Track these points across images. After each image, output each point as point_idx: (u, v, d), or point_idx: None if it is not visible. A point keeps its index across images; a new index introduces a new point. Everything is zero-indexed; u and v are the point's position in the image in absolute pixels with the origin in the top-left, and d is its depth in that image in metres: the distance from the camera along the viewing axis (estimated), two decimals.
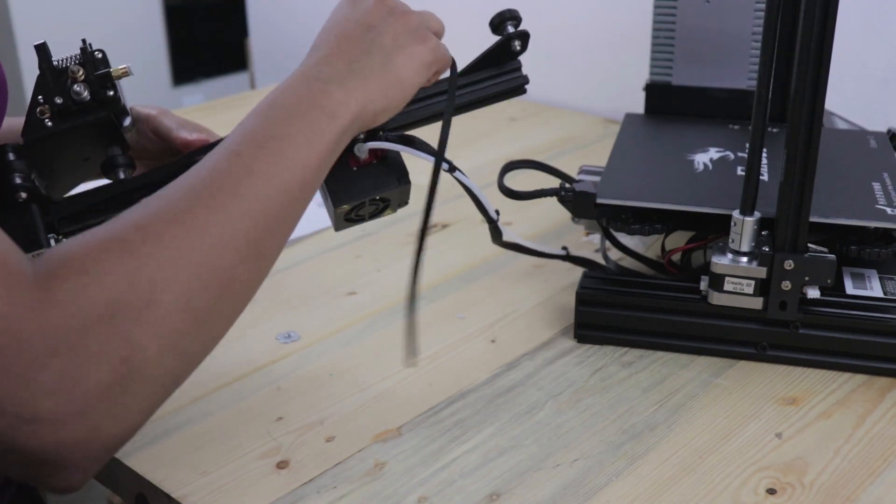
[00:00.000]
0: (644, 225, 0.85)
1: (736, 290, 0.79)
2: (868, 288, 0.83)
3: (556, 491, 0.67)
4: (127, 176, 0.73)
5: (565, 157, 1.31)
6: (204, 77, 3.59)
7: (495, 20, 0.78)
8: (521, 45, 0.78)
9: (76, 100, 0.70)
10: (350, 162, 0.73)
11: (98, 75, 0.71)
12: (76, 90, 0.70)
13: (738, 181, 0.81)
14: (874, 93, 1.28)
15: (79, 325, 0.48)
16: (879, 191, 0.85)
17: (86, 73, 0.70)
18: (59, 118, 0.70)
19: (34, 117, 0.70)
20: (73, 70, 0.70)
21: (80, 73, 0.70)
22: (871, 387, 0.79)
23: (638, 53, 1.27)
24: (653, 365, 0.82)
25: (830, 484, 0.67)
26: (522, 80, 0.78)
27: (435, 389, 0.80)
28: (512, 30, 0.78)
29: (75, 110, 0.70)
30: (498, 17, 0.78)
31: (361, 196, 0.73)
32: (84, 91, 0.70)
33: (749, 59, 1.02)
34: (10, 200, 0.69)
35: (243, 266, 0.57)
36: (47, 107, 0.70)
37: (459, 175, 0.77)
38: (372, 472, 0.69)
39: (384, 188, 0.74)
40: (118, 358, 0.49)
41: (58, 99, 0.70)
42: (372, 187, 0.73)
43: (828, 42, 0.71)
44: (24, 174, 0.69)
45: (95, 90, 0.70)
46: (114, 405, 0.50)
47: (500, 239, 0.85)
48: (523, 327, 0.89)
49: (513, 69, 0.78)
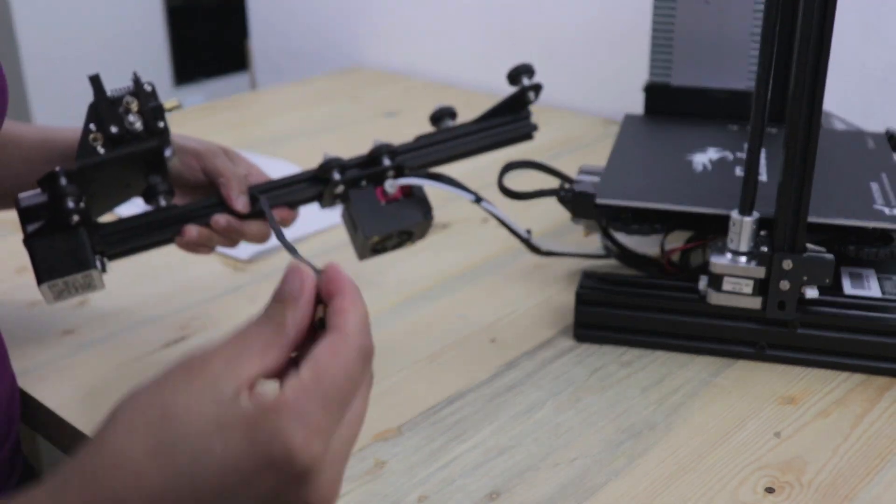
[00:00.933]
0: (644, 225, 0.85)
1: (735, 289, 0.79)
2: (866, 288, 0.83)
3: (556, 490, 0.67)
4: (167, 203, 0.78)
5: (565, 157, 1.31)
6: (204, 77, 3.59)
7: (513, 73, 0.85)
8: (535, 96, 0.86)
9: (129, 129, 0.73)
10: (380, 197, 0.82)
11: (151, 107, 0.74)
12: (130, 120, 0.73)
13: (736, 181, 0.82)
14: (873, 93, 1.29)
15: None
16: (877, 191, 0.85)
17: (140, 105, 0.74)
18: (112, 146, 0.74)
19: (87, 144, 0.73)
20: (128, 101, 0.74)
21: (134, 105, 0.74)
22: (870, 386, 0.79)
23: (637, 54, 1.27)
24: (652, 364, 0.83)
25: (829, 483, 0.68)
26: (531, 127, 0.87)
27: (435, 389, 0.80)
28: (527, 82, 0.85)
29: (128, 139, 0.74)
30: (515, 71, 0.85)
31: (390, 228, 0.81)
32: (137, 122, 0.74)
33: (748, 60, 1.02)
34: (62, 223, 0.73)
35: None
36: (100, 134, 0.73)
37: (486, 205, 0.85)
38: (372, 472, 0.70)
39: (411, 222, 0.82)
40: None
41: (113, 128, 0.73)
42: (400, 220, 0.81)
43: (826, 42, 0.72)
44: (76, 198, 0.73)
45: (147, 121, 0.74)
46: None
47: (541, 252, 0.91)
48: (523, 327, 0.90)
49: (523, 117, 0.87)
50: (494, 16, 1.69)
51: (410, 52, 1.85)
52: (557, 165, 0.98)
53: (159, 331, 0.89)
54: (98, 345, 0.81)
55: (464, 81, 1.73)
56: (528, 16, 1.65)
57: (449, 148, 0.85)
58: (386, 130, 1.49)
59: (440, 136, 0.85)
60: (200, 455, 0.39)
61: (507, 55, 1.74)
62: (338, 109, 1.64)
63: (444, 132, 0.85)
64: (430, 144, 0.85)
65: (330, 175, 0.81)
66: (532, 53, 1.70)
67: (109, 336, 0.72)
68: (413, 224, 0.82)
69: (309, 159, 1.42)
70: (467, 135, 0.86)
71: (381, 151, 0.82)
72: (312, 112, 1.64)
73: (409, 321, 0.91)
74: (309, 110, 1.65)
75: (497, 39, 1.69)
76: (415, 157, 0.84)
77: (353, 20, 1.95)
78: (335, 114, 1.61)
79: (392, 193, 0.81)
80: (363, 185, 0.82)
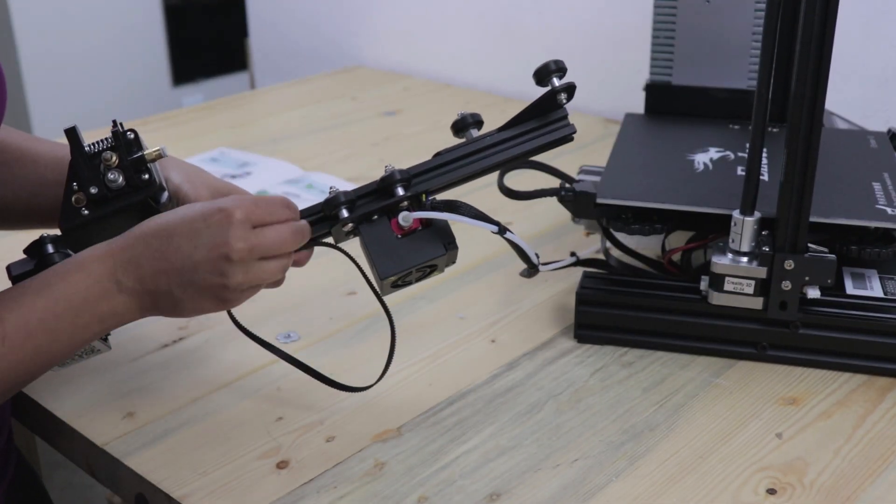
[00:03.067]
0: (644, 225, 0.85)
1: (736, 290, 0.79)
2: (868, 288, 0.83)
3: (556, 491, 0.67)
4: None
5: (565, 157, 1.30)
6: (204, 77, 3.58)
7: (541, 72, 0.74)
8: (567, 98, 0.75)
9: (111, 187, 0.70)
10: (395, 230, 0.72)
11: (132, 160, 0.70)
12: (111, 178, 0.70)
13: (738, 181, 0.81)
14: (874, 93, 1.28)
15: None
16: (879, 191, 0.85)
17: (119, 159, 0.70)
18: (96, 206, 0.70)
19: (70, 206, 0.70)
20: (106, 157, 0.70)
21: (113, 160, 0.70)
22: (871, 387, 0.79)
23: (638, 53, 1.27)
24: (653, 365, 0.82)
25: (830, 484, 0.67)
26: (570, 129, 0.76)
27: (435, 389, 0.80)
28: (557, 82, 0.74)
29: (111, 197, 0.70)
30: (544, 69, 0.74)
31: (408, 265, 0.72)
32: (119, 177, 0.70)
33: (749, 59, 1.01)
34: None
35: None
36: (83, 195, 0.70)
37: (510, 235, 0.76)
38: (372, 472, 0.69)
39: (432, 256, 0.72)
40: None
41: (93, 189, 0.70)
42: (419, 256, 0.72)
43: (828, 42, 0.71)
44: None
45: (130, 175, 0.70)
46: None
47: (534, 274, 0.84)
48: (523, 327, 0.89)
49: (559, 118, 0.76)
50: (494, 15, 1.69)
51: (410, 52, 1.85)
52: (557, 165, 0.98)
53: (158, 331, 0.89)
54: None
55: (463, 81, 1.73)
56: (527, 15, 1.65)
57: (479, 161, 0.75)
58: (386, 129, 1.49)
59: (465, 150, 0.74)
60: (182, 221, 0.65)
61: (507, 55, 1.74)
62: (338, 108, 1.64)
63: (470, 144, 0.75)
64: (452, 161, 0.75)
65: (337, 213, 0.72)
66: (532, 53, 1.69)
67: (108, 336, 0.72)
68: (433, 258, 0.72)
69: (309, 159, 1.42)
70: (498, 144, 0.75)
71: (393, 180, 0.72)
72: (312, 111, 1.63)
73: (409, 321, 0.91)
74: (309, 109, 1.65)
75: (497, 39, 1.69)
76: (437, 179, 0.74)
77: (353, 20, 1.94)
78: (335, 113, 1.61)
79: (408, 226, 0.72)
80: (375, 220, 0.73)
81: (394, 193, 0.72)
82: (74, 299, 0.65)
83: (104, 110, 3.21)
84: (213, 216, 0.65)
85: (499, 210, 1.15)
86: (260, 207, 0.66)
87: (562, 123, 0.76)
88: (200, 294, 0.66)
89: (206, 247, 0.65)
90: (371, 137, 1.46)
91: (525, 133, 0.76)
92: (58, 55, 3.11)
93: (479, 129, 0.76)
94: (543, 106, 0.75)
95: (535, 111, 0.76)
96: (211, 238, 0.64)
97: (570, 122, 0.76)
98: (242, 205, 0.66)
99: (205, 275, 0.65)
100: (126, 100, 3.29)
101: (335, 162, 1.35)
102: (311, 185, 1.25)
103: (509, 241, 0.77)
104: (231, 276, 0.65)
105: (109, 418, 0.76)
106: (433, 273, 0.75)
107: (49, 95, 3.09)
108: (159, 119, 1.60)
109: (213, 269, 0.65)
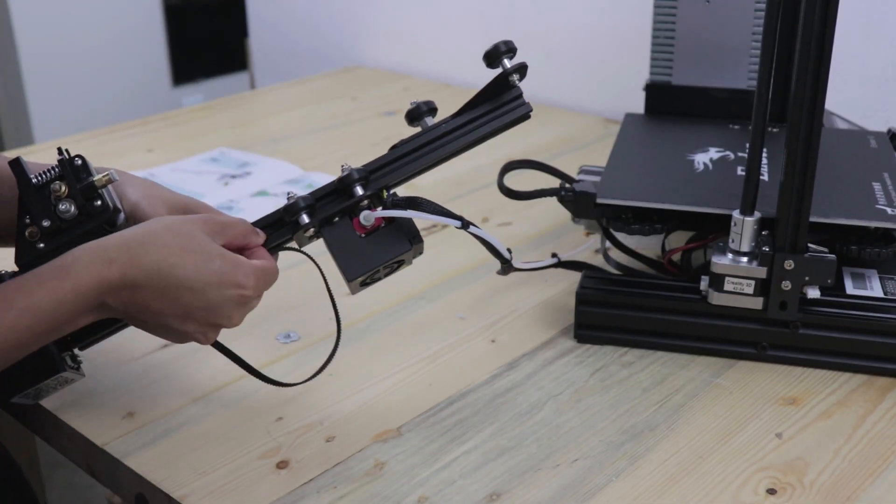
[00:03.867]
0: (644, 225, 0.85)
1: (736, 290, 0.79)
2: (868, 288, 0.83)
3: (556, 491, 0.67)
4: None
5: (565, 157, 1.30)
6: (204, 77, 3.59)
7: (491, 54, 0.73)
8: (520, 78, 0.74)
9: (64, 218, 0.68)
10: (358, 229, 0.72)
11: (82, 188, 0.68)
12: (62, 209, 0.68)
13: (738, 181, 0.81)
14: (874, 93, 1.28)
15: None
16: (879, 191, 0.85)
17: (69, 188, 0.68)
18: (50, 238, 0.69)
19: (25, 241, 0.68)
20: (55, 189, 0.68)
21: (63, 190, 0.68)
22: (871, 387, 0.79)
23: (638, 53, 1.27)
24: (653, 365, 0.82)
25: (830, 484, 0.67)
26: (526, 108, 0.74)
27: (435, 389, 0.80)
28: (509, 63, 0.73)
29: (65, 228, 0.68)
30: (494, 51, 0.73)
31: (374, 265, 0.71)
32: (70, 207, 0.68)
33: (749, 59, 1.01)
34: None
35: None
36: (36, 228, 0.68)
37: (473, 229, 0.75)
38: (372, 472, 0.69)
39: (397, 253, 0.72)
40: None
41: (45, 222, 0.68)
42: (385, 254, 0.72)
43: (828, 42, 0.71)
44: None
45: (82, 204, 0.68)
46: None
47: (510, 271, 0.84)
48: (523, 327, 0.89)
49: (514, 98, 0.74)
50: (494, 15, 1.69)
51: (410, 52, 1.85)
52: (557, 165, 0.98)
53: None
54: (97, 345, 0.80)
55: (463, 81, 1.73)
56: (528, 15, 1.65)
57: (438, 150, 0.74)
58: (386, 129, 1.49)
59: (422, 140, 0.73)
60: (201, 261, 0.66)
61: None
62: (338, 108, 1.64)
63: (427, 133, 0.74)
64: (410, 152, 0.74)
65: (298, 219, 0.71)
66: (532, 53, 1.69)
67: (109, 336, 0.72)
68: (399, 254, 0.72)
69: (309, 159, 1.42)
70: (455, 130, 0.74)
71: (351, 180, 0.71)
72: (312, 111, 1.63)
73: (409, 321, 0.91)
74: (308, 109, 1.65)
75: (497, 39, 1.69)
76: (396, 173, 0.73)
77: (352, 20, 1.94)
78: (335, 113, 1.61)
79: (370, 225, 0.71)
80: (336, 221, 0.72)
81: (353, 194, 0.71)
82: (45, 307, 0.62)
83: (104, 110, 3.21)
84: (228, 290, 0.67)
85: (499, 210, 1.15)
86: (267, 283, 0.71)
87: (517, 103, 0.74)
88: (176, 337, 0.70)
89: (211, 312, 0.67)
90: (371, 137, 1.46)
91: (481, 116, 0.74)
92: (58, 55, 3.11)
93: (434, 117, 0.75)
94: (497, 88, 0.74)
95: (488, 94, 0.74)
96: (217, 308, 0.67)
97: (526, 101, 0.75)
98: (258, 285, 0.69)
99: (192, 328, 0.68)
100: (126, 100, 3.29)
101: (335, 162, 1.35)
102: (311, 185, 1.25)
103: (476, 236, 0.76)
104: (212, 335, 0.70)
105: (109, 418, 0.76)
106: (401, 267, 0.74)
107: (49, 95, 3.09)
108: (159, 119, 1.60)
109: (203, 325, 0.68)
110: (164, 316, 0.66)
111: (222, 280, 0.66)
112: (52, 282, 0.62)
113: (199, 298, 0.66)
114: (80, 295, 0.63)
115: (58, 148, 0.70)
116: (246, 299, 0.68)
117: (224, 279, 0.66)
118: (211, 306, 0.67)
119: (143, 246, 0.65)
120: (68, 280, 0.62)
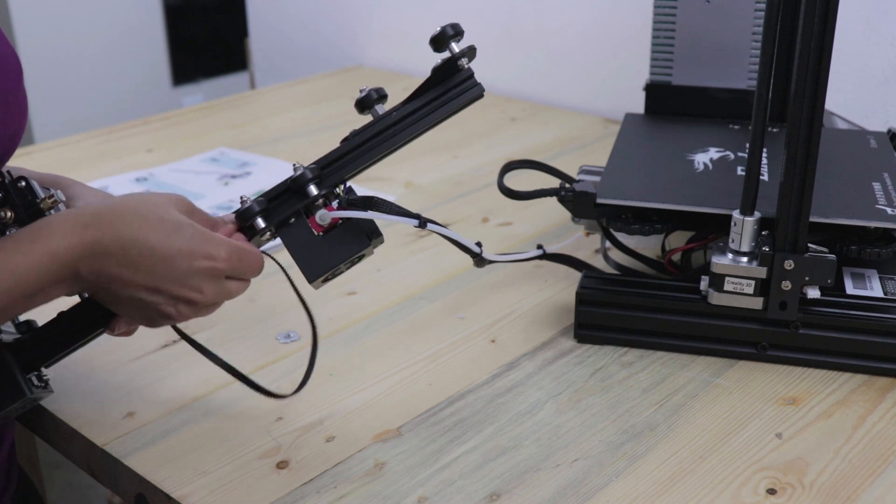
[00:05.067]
0: (644, 225, 0.85)
1: (736, 290, 0.79)
2: (868, 288, 0.83)
3: (556, 491, 0.67)
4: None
5: (565, 157, 1.31)
6: (204, 77, 3.59)
7: (438, 38, 0.71)
8: (468, 61, 0.73)
9: None
10: (315, 228, 0.71)
11: (30, 213, 0.67)
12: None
13: (738, 181, 0.81)
14: (874, 93, 1.28)
15: None
16: (879, 191, 0.85)
17: (15, 213, 0.67)
18: None
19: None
20: (1, 216, 0.66)
21: (9, 217, 0.67)
22: (872, 387, 0.79)
23: (638, 53, 1.27)
24: (653, 365, 0.82)
25: (831, 484, 0.67)
26: (478, 88, 0.73)
27: (435, 389, 0.80)
28: (457, 47, 0.72)
29: None
30: (441, 35, 0.71)
31: (334, 263, 0.71)
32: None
33: (749, 59, 1.02)
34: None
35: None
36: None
37: (432, 226, 0.74)
38: (372, 472, 0.69)
39: (357, 249, 0.71)
40: None
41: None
42: (345, 251, 0.71)
43: (828, 42, 0.71)
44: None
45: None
46: None
47: (484, 264, 0.82)
48: (523, 327, 0.89)
49: (465, 79, 0.73)
50: (494, 15, 1.69)
51: (410, 52, 1.85)
52: (557, 165, 0.98)
53: (158, 331, 0.89)
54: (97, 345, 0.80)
55: None
56: (528, 15, 1.65)
57: (391, 138, 0.72)
58: None
59: (374, 129, 0.72)
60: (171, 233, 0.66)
61: (507, 55, 1.74)
62: (337, 109, 1.64)
63: (378, 122, 0.72)
64: (362, 143, 0.72)
65: (253, 223, 0.70)
66: (532, 53, 1.70)
67: (108, 336, 0.72)
68: (359, 250, 0.71)
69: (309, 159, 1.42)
70: (407, 117, 0.72)
71: (304, 179, 0.70)
72: (312, 111, 1.63)
73: (409, 321, 0.91)
74: (308, 110, 1.65)
75: (497, 39, 1.69)
76: (350, 166, 0.72)
77: (353, 20, 1.94)
78: (335, 113, 1.61)
79: (327, 224, 0.70)
80: (292, 222, 0.71)
81: (307, 193, 0.70)
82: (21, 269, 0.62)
83: (104, 110, 3.21)
84: (198, 261, 0.66)
85: (499, 210, 1.15)
86: (243, 263, 0.69)
87: (468, 84, 0.73)
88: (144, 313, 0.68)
89: (180, 284, 0.66)
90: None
91: (433, 100, 0.73)
92: (58, 55, 3.11)
93: (384, 104, 0.74)
94: (446, 72, 0.73)
95: (437, 78, 0.73)
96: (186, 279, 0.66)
97: (478, 82, 0.73)
98: (230, 259, 0.67)
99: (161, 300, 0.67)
100: (126, 100, 3.29)
101: None
102: None
103: (438, 233, 0.75)
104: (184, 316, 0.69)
105: (109, 418, 0.76)
106: (363, 259, 0.73)
107: (49, 96, 3.09)
108: (159, 119, 1.60)
109: (172, 298, 0.67)
110: (134, 287, 0.65)
111: (193, 250, 0.66)
112: (27, 244, 0.62)
113: (170, 269, 0.65)
114: (56, 258, 0.62)
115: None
116: (217, 272, 0.67)
117: (195, 249, 0.66)
118: (180, 276, 0.66)
119: (116, 215, 0.65)
120: (43, 243, 0.62)
